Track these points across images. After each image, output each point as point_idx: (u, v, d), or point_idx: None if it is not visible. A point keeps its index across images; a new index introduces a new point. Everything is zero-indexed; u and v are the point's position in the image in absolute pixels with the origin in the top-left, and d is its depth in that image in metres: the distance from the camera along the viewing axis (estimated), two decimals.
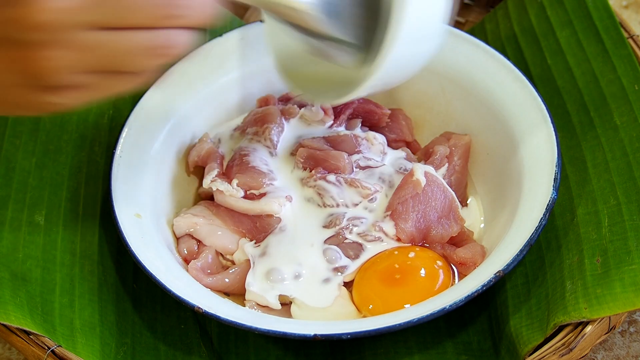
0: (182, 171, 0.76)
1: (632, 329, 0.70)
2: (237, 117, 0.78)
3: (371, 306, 0.65)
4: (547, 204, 0.63)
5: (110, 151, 0.71)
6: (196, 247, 0.71)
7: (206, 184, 0.71)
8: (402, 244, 0.68)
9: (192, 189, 0.76)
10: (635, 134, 0.68)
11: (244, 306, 0.66)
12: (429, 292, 0.64)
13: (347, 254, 0.68)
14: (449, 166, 0.73)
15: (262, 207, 0.69)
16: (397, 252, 0.67)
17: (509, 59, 0.74)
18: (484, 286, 0.60)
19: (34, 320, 0.61)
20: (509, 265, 0.60)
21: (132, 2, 0.48)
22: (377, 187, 0.70)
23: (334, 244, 0.68)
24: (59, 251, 0.68)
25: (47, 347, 0.59)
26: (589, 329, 0.58)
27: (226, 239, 0.70)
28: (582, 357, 0.59)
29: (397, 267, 0.66)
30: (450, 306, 0.59)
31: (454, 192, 0.70)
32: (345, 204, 0.69)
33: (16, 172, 0.71)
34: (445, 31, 0.60)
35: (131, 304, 0.69)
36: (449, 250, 0.68)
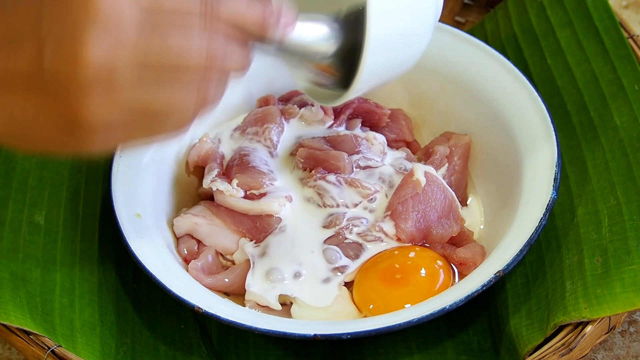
0: (182, 171, 0.76)
1: (632, 329, 0.70)
2: (237, 117, 0.78)
3: (371, 306, 0.65)
4: (547, 204, 0.63)
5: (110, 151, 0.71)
6: (196, 247, 0.70)
7: (206, 184, 0.71)
8: (402, 244, 0.68)
9: (192, 189, 0.76)
10: (635, 134, 0.68)
11: (244, 306, 0.66)
12: (429, 292, 0.64)
13: (347, 254, 0.68)
14: (449, 166, 0.73)
15: (262, 207, 0.69)
16: (397, 252, 0.67)
17: (509, 59, 0.74)
18: (484, 286, 0.60)
19: (34, 320, 0.61)
20: (509, 265, 0.60)
21: (178, 50, 0.46)
22: (377, 187, 0.70)
23: (334, 244, 0.68)
24: (59, 251, 0.68)
25: (47, 347, 0.59)
26: (589, 329, 0.58)
27: (226, 239, 0.70)
28: (582, 357, 0.59)
29: (397, 267, 0.66)
30: (450, 306, 0.59)
31: (454, 192, 0.70)
32: (345, 204, 0.69)
33: (16, 172, 0.71)
34: (432, 28, 0.60)
35: (131, 304, 0.69)
36: (449, 250, 0.68)
